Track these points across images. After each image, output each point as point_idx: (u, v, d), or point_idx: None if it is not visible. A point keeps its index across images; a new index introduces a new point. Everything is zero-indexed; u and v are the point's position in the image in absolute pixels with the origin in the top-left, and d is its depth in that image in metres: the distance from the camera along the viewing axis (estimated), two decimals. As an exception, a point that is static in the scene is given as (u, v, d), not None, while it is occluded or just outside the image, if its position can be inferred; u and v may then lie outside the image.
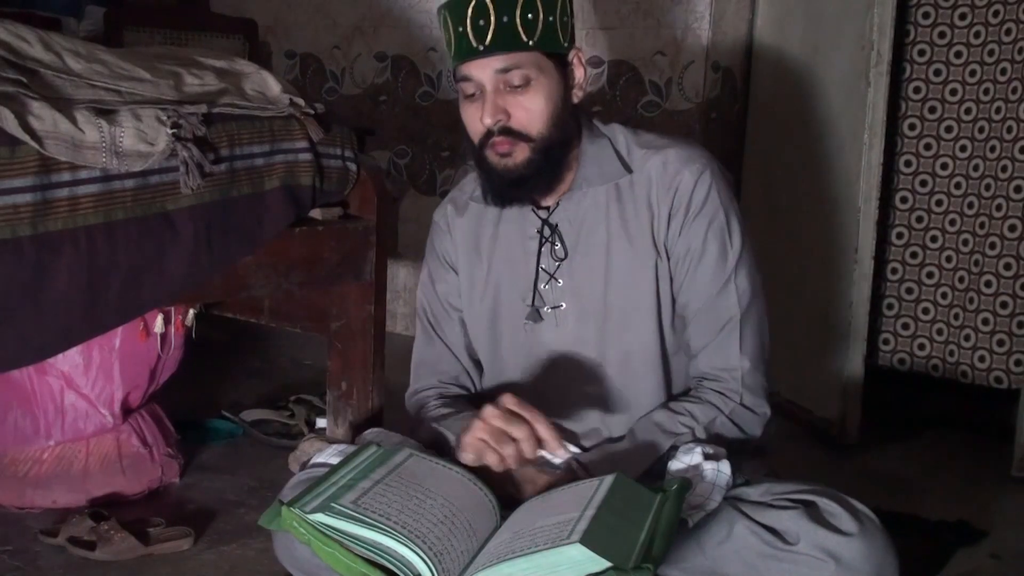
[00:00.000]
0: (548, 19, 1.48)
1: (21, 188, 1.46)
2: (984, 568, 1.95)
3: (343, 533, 1.22)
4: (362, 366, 2.02)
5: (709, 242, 1.54)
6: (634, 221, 1.56)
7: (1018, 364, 2.53)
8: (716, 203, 1.55)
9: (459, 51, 1.50)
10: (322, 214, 1.95)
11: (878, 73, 2.43)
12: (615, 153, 1.59)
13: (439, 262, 1.73)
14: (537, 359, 1.61)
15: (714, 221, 1.54)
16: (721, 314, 1.56)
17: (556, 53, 1.51)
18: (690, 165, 1.55)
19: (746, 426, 1.55)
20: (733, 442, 1.53)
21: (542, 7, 1.47)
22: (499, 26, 1.46)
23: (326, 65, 3.42)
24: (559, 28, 1.50)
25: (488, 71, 1.49)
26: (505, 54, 1.47)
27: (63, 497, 2.04)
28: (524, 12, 1.46)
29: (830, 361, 2.61)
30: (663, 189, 1.55)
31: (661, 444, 1.51)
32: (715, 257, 1.55)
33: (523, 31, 1.46)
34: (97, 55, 1.66)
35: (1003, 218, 2.51)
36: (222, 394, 2.81)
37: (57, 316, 1.52)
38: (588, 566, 1.14)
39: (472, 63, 1.49)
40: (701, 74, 2.75)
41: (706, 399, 1.55)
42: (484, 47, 1.47)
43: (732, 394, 1.55)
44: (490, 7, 1.46)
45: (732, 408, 1.54)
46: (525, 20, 1.46)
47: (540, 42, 1.48)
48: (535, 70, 1.49)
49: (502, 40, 1.46)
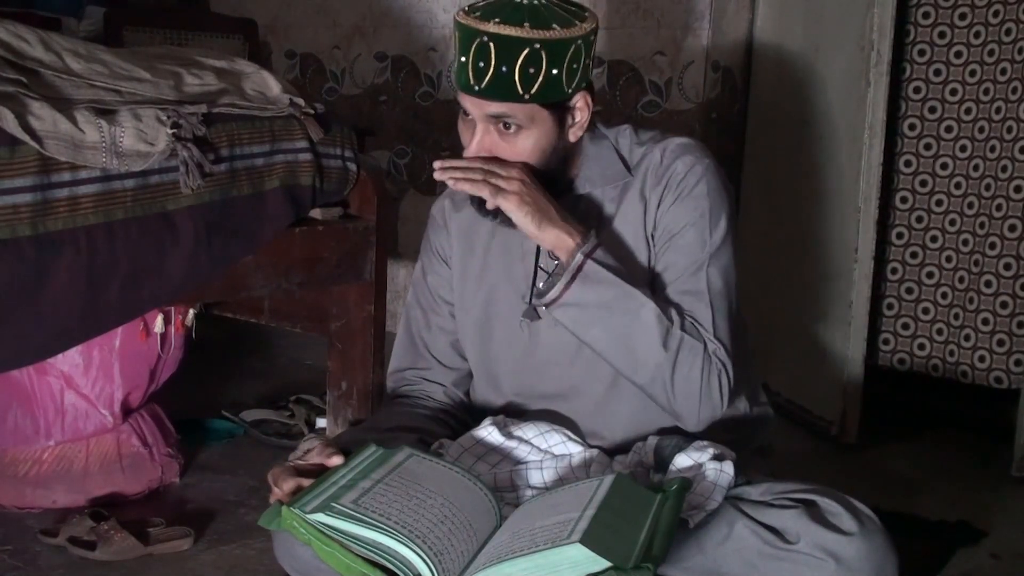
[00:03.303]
0: (551, 72, 1.43)
1: (21, 188, 1.46)
2: (984, 568, 1.95)
3: (343, 533, 1.22)
4: (362, 366, 2.02)
5: (688, 228, 1.52)
6: (630, 217, 1.56)
7: (1018, 364, 2.53)
8: (703, 193, 1.52)
9: (458, 79, 1.47)
10: (322, 214, 1.95)
11: (878, 73, 2.43)
12: (617, 155, 1.58)
13: (433, 255, 1.73)
14: (533, 357, 1.61)
15: (697, 209, 1.52)
16: (690, 288, 1.51)
17: (556, 103, 1.48)
18: (684, 156, 1.54)
19: (708, 384, 1.47)
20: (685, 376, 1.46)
21: (546, 61, 1.42)
22: (496, 74, 1.42)
23: (326, 65, 3.42)
24: (564, 78, 1.45)
25: (480, 111, 1.47)
26: (498, 103, 1.45)
27: (63, 497, 2.04)
28: (525, 65, 1.41)
29: (830, 361, 2.61)
30: (656, 179, 1.55)
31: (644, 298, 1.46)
32: (691, 243, 1.52)
33: (520, 84, 1.42)
34: (97, 55, 1.66)
35: (1003, 218, 2.51)
36: (222, 394, 2.81)
37: (57, 316, 1.52)
38: (588, 566, 1.14)
39: (467, 97, 1.47)
40: (701, 74, 2.75)
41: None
42: (480, 88, 1.44)
43: (714, 352, 1.49)
44: (492, 53, 1.41)
45: (712, 361, 1.48)
46: (524, 74, 1.42)
47: (537, 96, 1.44)
48: (527, 120, 1.46)
49: (497, 89, 1.43)
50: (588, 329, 1.48)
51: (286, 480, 1.36)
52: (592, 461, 1.51)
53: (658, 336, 1.45)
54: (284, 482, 1.35)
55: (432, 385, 1.72)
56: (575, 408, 1.60)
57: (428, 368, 1.72)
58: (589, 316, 1.47)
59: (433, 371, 1.72)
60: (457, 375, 1.72)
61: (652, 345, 1.45)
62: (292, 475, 1.37)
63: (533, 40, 1.40)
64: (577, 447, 1.54)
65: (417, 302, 1.75)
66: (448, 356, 1.72)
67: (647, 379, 1.48)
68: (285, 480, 1.36)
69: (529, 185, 1.46)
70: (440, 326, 1.72)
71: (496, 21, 1.41)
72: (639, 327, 1.46)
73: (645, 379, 1.48)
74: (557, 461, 1.51)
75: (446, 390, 1.72)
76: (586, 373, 1.58)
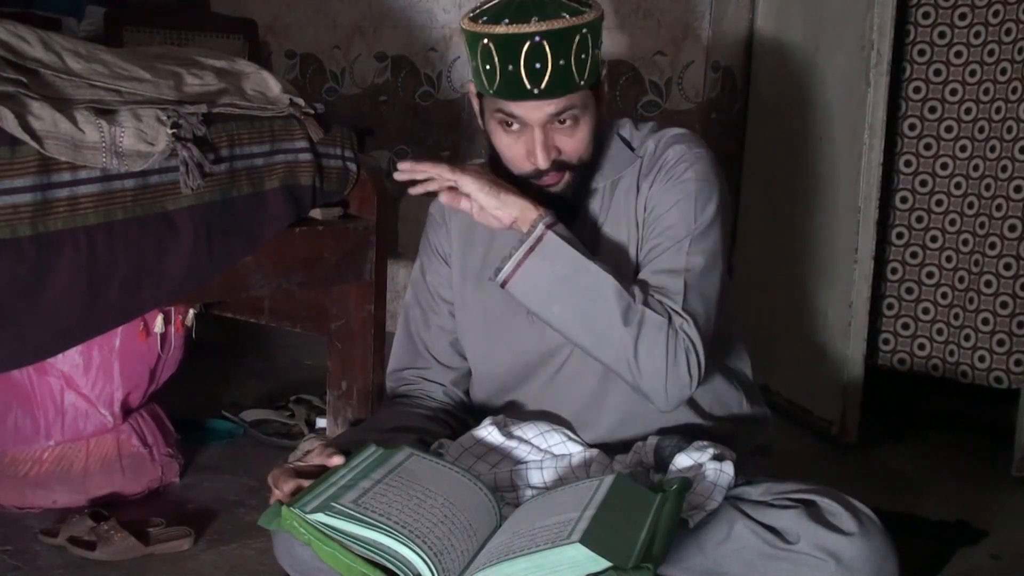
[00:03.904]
0: (594, 53, 1.47)
1: (21, 188, 1.46)
2: (984, 568, 1.95)
3: (343, 533, 1.22)
4: (362, 366, 2.01)
5: (672, 209, 1.52)
6: (622, 209, 1.58)
7: (1018, 364, 2.53)
8: (691, 177, 1.53)
9: (508, 90, 1.45)
10: (322, 214, 1.95)
11: (878, 73, 2.44)
12: (621, 141, 1.60)
13: (432, 254, 1.73)
14: (537, 354, 1.61)
15: (684, 191, 1.52)
16: (666, 267, 1.49)
17: (596, 83, 1.51)
18: (675, 145, 1.56)
19: (674, 358, 1.43)
20: (649, 352, 1.42)
21: (591, 43, 1.45)
22: (556, 70, 1.42)
23: (326, 65, 3.42)
24: (599, 58, 1.49)
25: (541, 113, 1.46)
26: (560, 97, 1.45)
27: (63, 497, 2.04)
28: (579, 52, 1.42)
29: (830, 361, 2.61)
30: (648, 168, 1.57)
31: (603, 271, 1.44)
32: (675, 223, 1.51)
33: (577, 73, 1.43)
34: (97, 55, 1.66)
35: (1003, 218, 2.51)
36: (222, 394, 2.81)
37: (57, 316, 1.52)
38: (588, 566, 1.14)
39: (522, 103, 1.45)
40: (701, 74, 2.75)
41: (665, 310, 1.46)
42: (540, 90, 1.43)
43: (681, 328, 1.44)
44: (547, 50, 1.41)
45: (678, 336, 1.44)
46: (579, 61, 1.43)
47: (588, 79, 1.46)
48: (583, 107, 1.48)
49: (559, 84, 1.43)
50: (548, 306, 1.47)
51: (286, 482, 1.36)
52: (592, 461, 1.51)
53: (618, 311, 1.42)
54: (284, 484, 1.36)
55: (431, 385, 1.72)
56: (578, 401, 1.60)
57: (427, 368, 1.72)
58: (547, 292, 1.46)
59: (432, 370, 1.72)
60: (456, 374, 1.72)
61: (612, 320, 1.42)
62: (292, 477, 1.37)
63: (581, 26, 1.43)
64: (577, 447, 1.54)
65: (416, 301, 1.75)
66: (447, 355, 1.72)
67: (611, 357, 1.45)
68: (285, 482, 1.36)
69: (483, 170, 1.49)
70: (439, 325, 1.72)
71: (536, 19, 1.41)
72: (598, 301, 1.43)
73: (609, 357, 1.46)
74: (557, 461, 1.51)
75: (446, 389, 1.72)
76: (580, 364, 1.58)
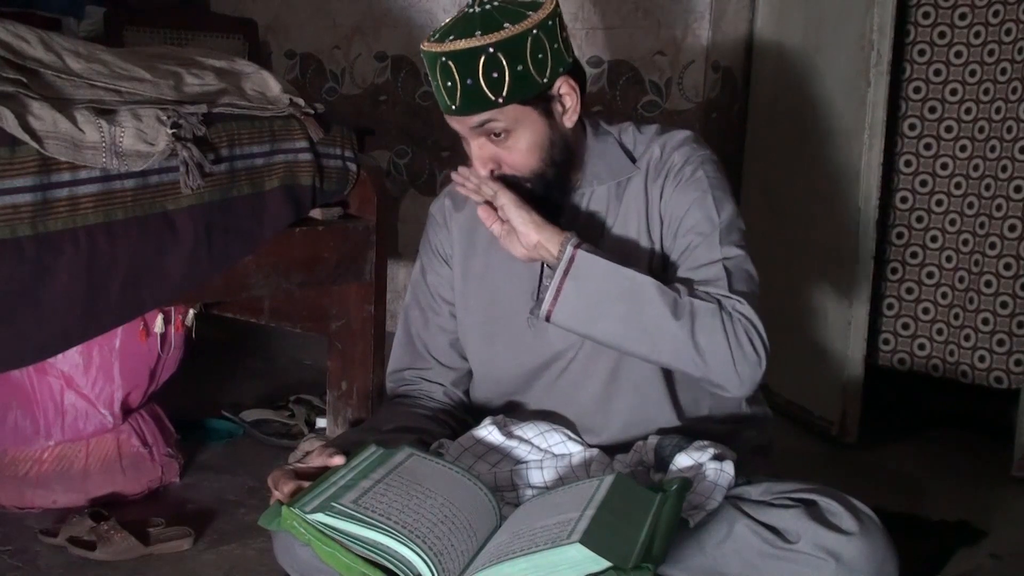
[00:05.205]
0: (516, 70, 1.44)
1: (21, 188, 1.46)
2: (984, 568, 1.95)
3: (343, 533, 1.22)
4: (362, 366, 2.02)
5: (693, 208, 1.53)
6: (631, 213, 1.57)
7: (1018, 364, 2.52)
8: (702, 176, 1.54)
9: (440, 104, 1.51)
10: (322, 214, 1.95)
11: (878, 73, 2.44)
12: (622, 149, 1.60)
13: (433, 254, 1.73)
14: (539, 355, 1.61)
15: (698, 189, 1.54)
16: (703, 262, 1.51)
17: (535, 96, 1.49)
18: (681, 148, 1.57)
19: (735, 341, 1.43)
20: (709, 339, 1.42)
21: (507, 62, 1.43)
22: (464, 89, 1.44)
23: (326, 65, 3.42)
24: (533, 71, 1.46)
25: (465, 127, 1.50)
26: (476, 115, 1.47)
27: (63, 497, 2.04)
28: (487, 72, 1.43)
29: (830, 361, 2.61)
30: (656, 173, 1.57)
31: (651, 292, 1.44)
32: (699, 221, 1.52)
33: (489, 91, 1.44)
34: (97, 55, 1.66)
35: (1003, 218, 2.51)
36: (222, 394, 2.81)
37: (57, 316, 1.52)
38: (588, 566, 1.14)
39: (450, 118, 1.51)
40: (701, 74, 2.75)
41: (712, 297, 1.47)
42: (455, 107, 1.47)
43: (734, 307, 1.46)
44: (454, 71, 1.44)
45: (731, 316, 1.44)
46: (489, 80, 1.43)
47: (510, 96, 1.45)
48: (512, 122, 1.48)
49: (470, 102, 1.45)
50: (595, 324, 1.46)
51: (286, 483, 1.36)
52: (592, 461, 1.51)
53: (666, 307, 1.42)
54: (284, 485, 1.35)
55: (432, 385, 1.72)
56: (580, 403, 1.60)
57: (427, 368, 1.72)
58: (592, 309, 1.46)
59: (432, 371, 1.72)
60: (456, 375, 1.72)
61: (663, 318, 1.42)
62: (291, 478, 1.37)
63: (486, 46, 1.42)
64: (577, 447, 1.54)
65: (416, 302, 1.75)
66: (447, 356, 1.72)
67: (671, 355, 1.44)
68: (285, 483, 1.36)
69: (517, 194, 1.50)
70: (439, 326, 1.71)
71: (451, 39, 1.44)
72: (644, 304, 1.43)
73: (669, 356, 1.44)
74: (557, 461, 1.51)
75: (446, 390, 1.72)
76: (592, 370, 1.58)
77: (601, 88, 2.85)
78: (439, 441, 1.57)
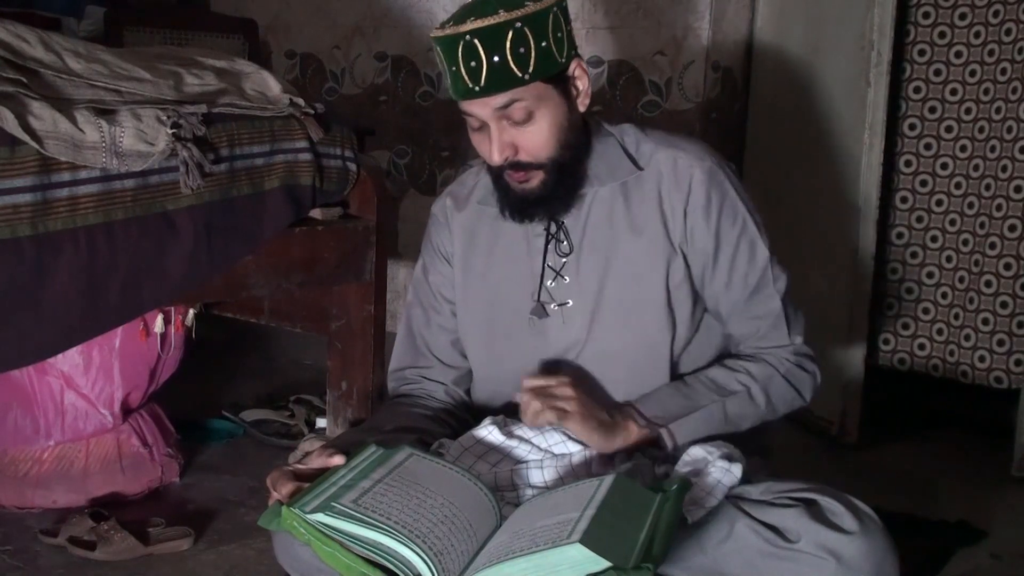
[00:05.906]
0: (541, 45, 1.43)
1: (21, 188, 1.46)
2: (984, 568, 1.95)
3: (343, 533, 1.22)
4: (362, 366, 2.02)
5: (734, 241, 1.57)
6: (642, 216, 1.56)
7: (1018, 364, 2.53)
8: (735, 202, 1.57)
9: (456, 90, 1.47)
10: (322, 214, 1.95)
11: (878, 73, 2.44)
12: (624, 151, 1.59)
13: (434, 253, 1.73)
14: (541, 356, 1.61)
15: (736, 220, 1.57)
16: (763, 311, 1.60)
17: (556, 75, 1.48)
18: (702, 163, 1.56)
19: (800, 386, 1.60)
20: (783, 402, 1.59)
21: (532, 36, 1.42)
22: (491, 66, 1.42)
23: (326, 65, 3.42)
24: (554, 49, 1.46)
25: (488, 109, 1.46)
26: (502, 93, 1.44)
27: (63, 497, 2.04)
28: (515, 47, 1.41)
29: (830, 361, 2.60)
30: (674, 185, 1.55)
31: (714, 402, 1.55)
32: (744, 257, 1.58)
33: (516, 68, 1.42)
34: (97, 55, 1.66)
35: (1003, 218, 2.51)
36: (222, 394, 2.81)
37: (57, 316, 1.52)
38: (588, 566, 1.14)
39: (471, 102, 1.47)
40: (701, 74, 2.75)
41: (762, 358, 1.60)
42: (480, 88, 1.44)
43: (788, 355, 1.60)
44: (480, 48, 1.41)
45: (788, 368, 1.59)
46: (517, 56, 1.42)
47: (536, 72, 1.44)
48: (536, 101, 1.46)
49: (497, 80, 1.43)
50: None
51: (285, 484, 1.36)
52: (592, 460, 1.51)
53: (748, 405, 1.57)
54: (283, 486, 1.35)
55: (433, 384, 1.72)
56: None
57: (429, 367, 1.72)
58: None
59: (434, 370, 1.72)
60: (458, 374, 1.72)
61: (750, 418, 1.58)
62: (291, 479, 1.36)
63: (513, 21, 1.41)
64: (577, 446, 1.54)
65: (417, 301, 1.75)
66: (449, 355, 1.72)
67: (758, 424, 1.60)
68: (284, 484, 1.36)
69: (580, 394, 1.48)
70: (441, 324, 1.71)
71: (472, 19, 1.42)
72: (732, 415, 1.56)
73: (756, 425, 1.60)
74: (557, 460, 1.51)
75: (447, 389, 1.72)
76: (596, 371, 1.58)
77: (601, 88, 2.85)
78: (439, 441, 1.57)
